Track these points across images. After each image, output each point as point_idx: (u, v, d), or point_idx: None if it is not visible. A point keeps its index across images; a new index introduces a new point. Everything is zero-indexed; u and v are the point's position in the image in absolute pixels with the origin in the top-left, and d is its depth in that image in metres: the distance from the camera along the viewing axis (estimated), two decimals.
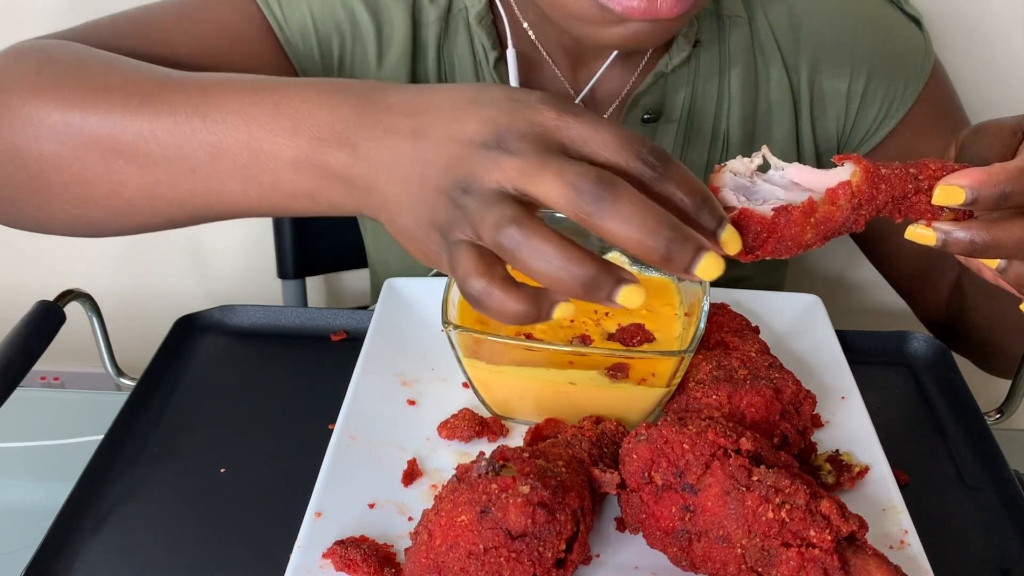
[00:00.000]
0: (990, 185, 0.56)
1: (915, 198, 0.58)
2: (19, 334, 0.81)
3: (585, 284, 0.52)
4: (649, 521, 0.61)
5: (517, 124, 0.55)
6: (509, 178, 0.54)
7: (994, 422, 0.84)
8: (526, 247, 0.53)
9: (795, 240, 0.57)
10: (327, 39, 0.90)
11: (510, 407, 0.74)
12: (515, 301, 0.54)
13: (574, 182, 0.52)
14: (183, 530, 0.68)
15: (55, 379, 1.49)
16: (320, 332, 0.89)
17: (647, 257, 0.53)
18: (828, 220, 0.57)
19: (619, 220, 0.52)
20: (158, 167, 0.68)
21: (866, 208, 0.58)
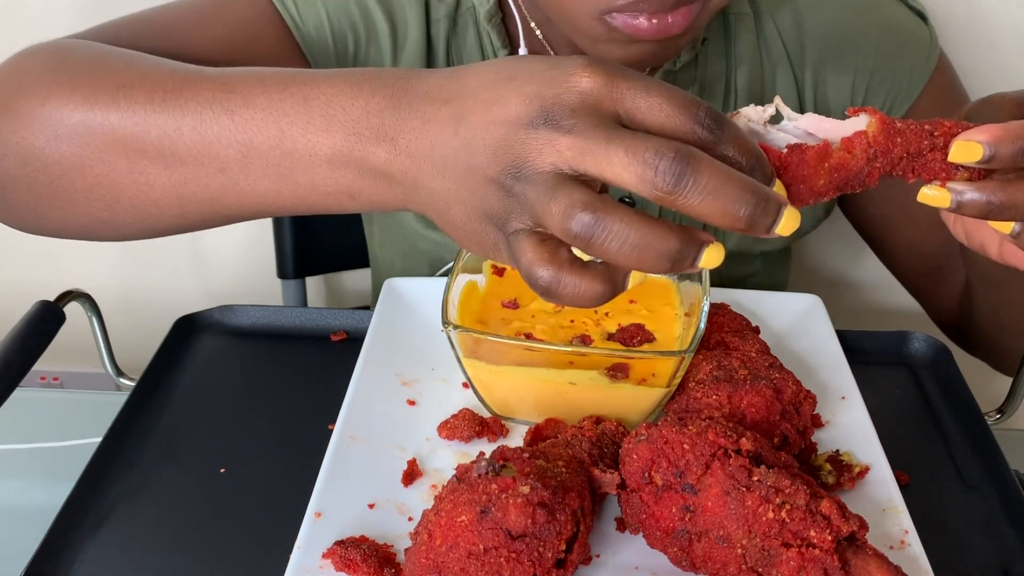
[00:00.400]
0: (1008, 140, 0.54)
1: (929, 155, 0.57)
2: (19, 334, 0.81)
3: (671, 258, 0.50)
4: (649, 521, 0.61)
5: (564, 97, 0.51)
6: (566, 159, 0.51)
7: (994, 422, 0.84)
8: (602, 232, 0.49)
9: (808, 184, 0.55)
10: (342, 38, 0.90)
11: (510, 407, 0.74)
12: (589, 282, 0.51)
13: (649, 160, 0.49)
14: (183, 530, 0.68)
15: (55, 379, 1.49)
16: (320, 332, 0.89)
17: (731, 225, 0.50)
18: (842, 167, 0.56)
19: (703, 195, 0.49)
20: (185, 166, 0.65)
21: (880, 161, 0.56)
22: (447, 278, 0.73)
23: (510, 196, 0.52)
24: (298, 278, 1.34)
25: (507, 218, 0.53)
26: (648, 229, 0.50)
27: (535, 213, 0.51)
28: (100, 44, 0.76)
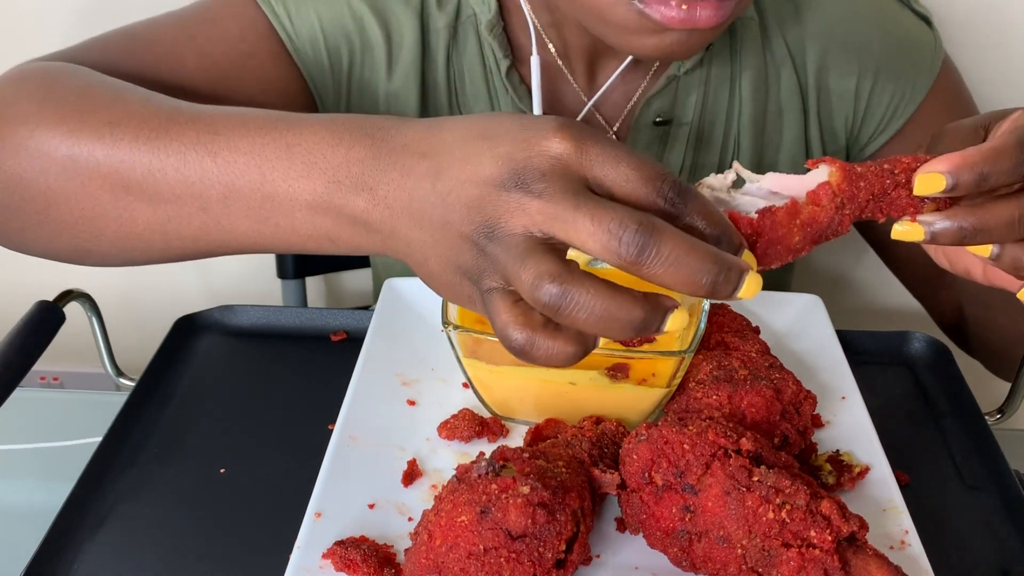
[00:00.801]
0: (967, 167, 0.56)
1: (894, 194, 0.58)
2: (19, 334, 0.81)
3: (636, 327, 0.52)
4: (649, 521, 0.61)
5: (535, 160, 0.53)
6: (536, 223, 0.52)
7: (994, 422, 0.84)
8: (568, 303, 0.51)
9: (783, 243, 0.57)
10: (336, 48, 0.90)
11: (510, 407, 0.73)
12: (562, 345, 0.53)
13: (613, 231, 0.50)
14: (183, 530, 0.68)
15: (55, 379, 1.49)
16: (320, 332, 0.89)
17: (694, 292, 0.52)
18: (813, 221, 0.57)
19: (666, 265, 0.50)
20: (169, 204, 0.66)
21: (849, 207, 0.57)
22: None
23: (483, 255, 0.54)
24: (298, 278, 1.34)
25: (481, 276, 0.54)
26: (613, 301, 0.51)
27: (506, 276, 0.53)
28: (86, 70, 0.76)
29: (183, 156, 0.65)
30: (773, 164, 0.97)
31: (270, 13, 0.88)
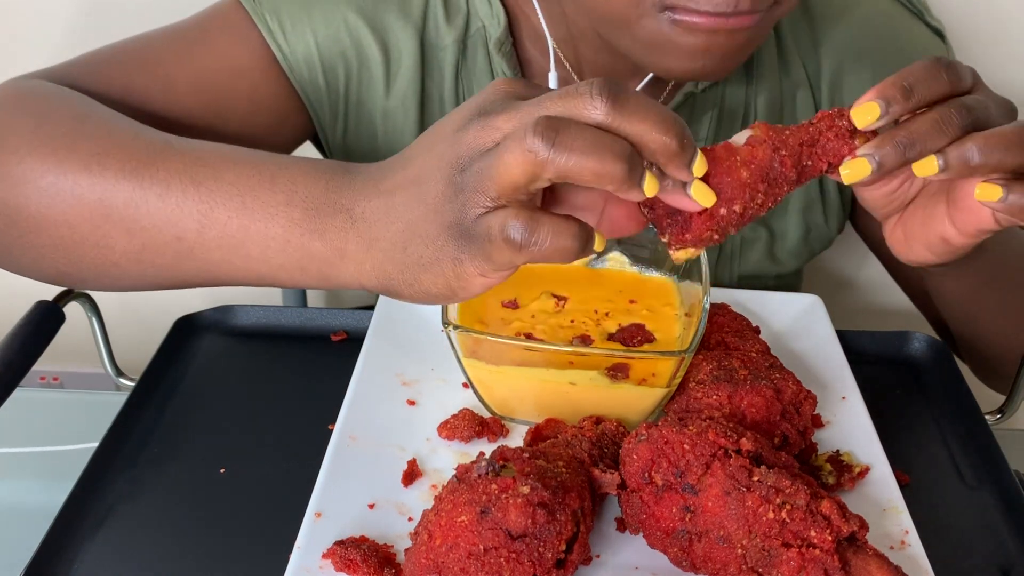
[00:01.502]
0: (891, 85, 0.59)
1: (823, 137, 0.61)
2: (19, 334, 0.81)
3: (628, 160, 0.54)
4: (649, 521, 0.61)
5: (488, 96, 0.57)
6: (507, 129, 0.55)
7: (994, 422, 0.84)
8: (564, 138, 0.53)
9: (732, 176, 0.59)
10: (332, 67, 0.90)
11: (510, 407, 0.73)
12: (564, 223, 0.55)
13: (583, 90, 0.54)
14: (183, 530, 0.68)
15: (55, 379, 1.49)
16: (320, 332, 0.89)
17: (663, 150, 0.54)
18: (753, 158, 0.59)
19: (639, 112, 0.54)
20: (145, 233, 0.68)
21: (785, 150, 0.60)
22: None
23: (462, 188, 0.56)
24: None
25: (464, 210, 0.56)
26: (602, 132, 0.54)
27: (490, 177, 0.55)
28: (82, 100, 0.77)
29: (166, 185, 0.67)
30: None
31: (265, 31, 0.88)
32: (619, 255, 0.82)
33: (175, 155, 0.68)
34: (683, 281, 0.79)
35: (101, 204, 0.68)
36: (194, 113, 0.85)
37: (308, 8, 0.89)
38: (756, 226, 0.97)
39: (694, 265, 0.76)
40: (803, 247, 1.01)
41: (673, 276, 0.81)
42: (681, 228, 0.60)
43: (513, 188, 0.54)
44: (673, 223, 0.60)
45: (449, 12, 0.91)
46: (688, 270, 0.78)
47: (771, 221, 0.98)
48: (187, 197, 0.66)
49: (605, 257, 0.82)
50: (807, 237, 1.00)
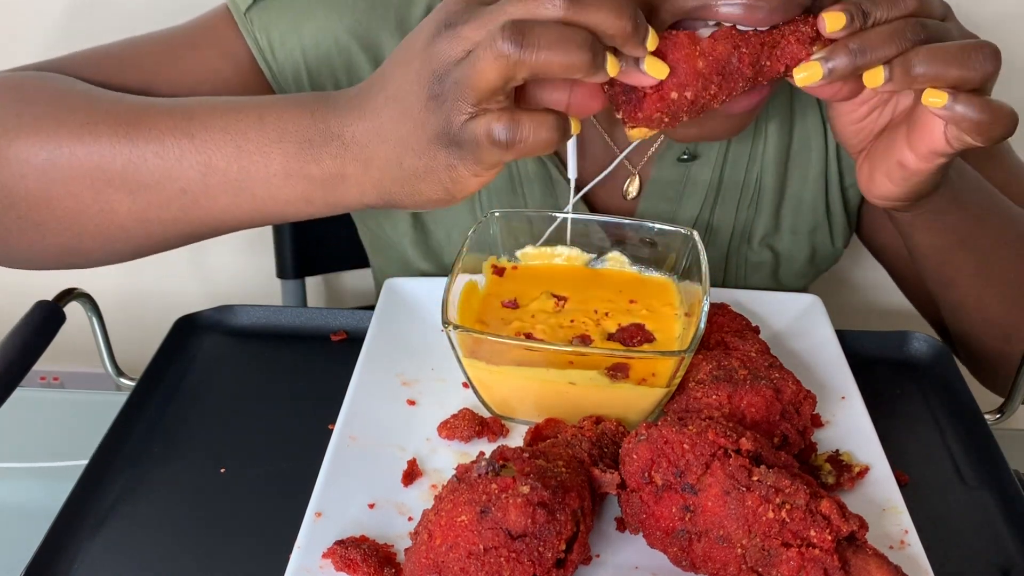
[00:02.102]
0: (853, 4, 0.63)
1: (785, 40, 0.65)
2: (19, 334, 0.81)
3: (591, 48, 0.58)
4: (649, 521, 0.61)
5: (450, 8, 0.60)
6: (475, 38, 0.58)
7: (994, 422, 0.84)
8: (530, 38, 0.57)
9: (688, 63, 0.63)
10: (321, 85, 0.89)
11: (510, 407, 0.74)
12: (542, 116, 0.59)
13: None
14: (183, 530, 0.68)
15: (55, 379, 1.50)
16: (320, 332, 0.89)
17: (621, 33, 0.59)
18: (712, 51, 0.63)
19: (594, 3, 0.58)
20: (149, 190, 0.69)
21: (745, 48, 0.64)
22: (447, 278, 0.73)
23: (443, 100, 0.60)
24: (298, 278, 1.34)
25: (449, 120, 0.60)
26: (564, 26, 0.58)
27: (468, 85, 0.58)
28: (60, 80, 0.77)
29: (161, 141, 0.69)
30: (796, 199, 0.96)
31: (252, 45, 0.87)
32: (619, 255, 0.82)
33: (162, 113, 0.70)
34: (683, 281, 0.79)
35: (100, 170, 0.70)
36: None
37: (298, 27, 0.88)
38: (762, 249, 0.97)
39: (694, 265, 0.76)
40: (809, 268, 1.00)
41: (673, 276, 0.81)
42: (634, 106, 0.65)
43: (491, 92, 0.58)
44: (627, 100, 0.65)
45: None
46: (688, 270, 0.78)
47: (777, 244, 0.97)
48: (184, 151, 0.68)
49: (605, 257, 0.83)
50: (813, 259, 0.99)
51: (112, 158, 0.69)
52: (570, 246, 0.82)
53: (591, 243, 0.82)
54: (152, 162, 0.69)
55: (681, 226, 0.80)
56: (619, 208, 0.93)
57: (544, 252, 0.82)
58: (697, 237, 0.77)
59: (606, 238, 0.82)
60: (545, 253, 0.82)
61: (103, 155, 0.70)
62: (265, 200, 0.68)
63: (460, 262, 0.75)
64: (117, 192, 0.70)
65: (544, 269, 0.82)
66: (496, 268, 0.81)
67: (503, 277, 0.81)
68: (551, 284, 0.80)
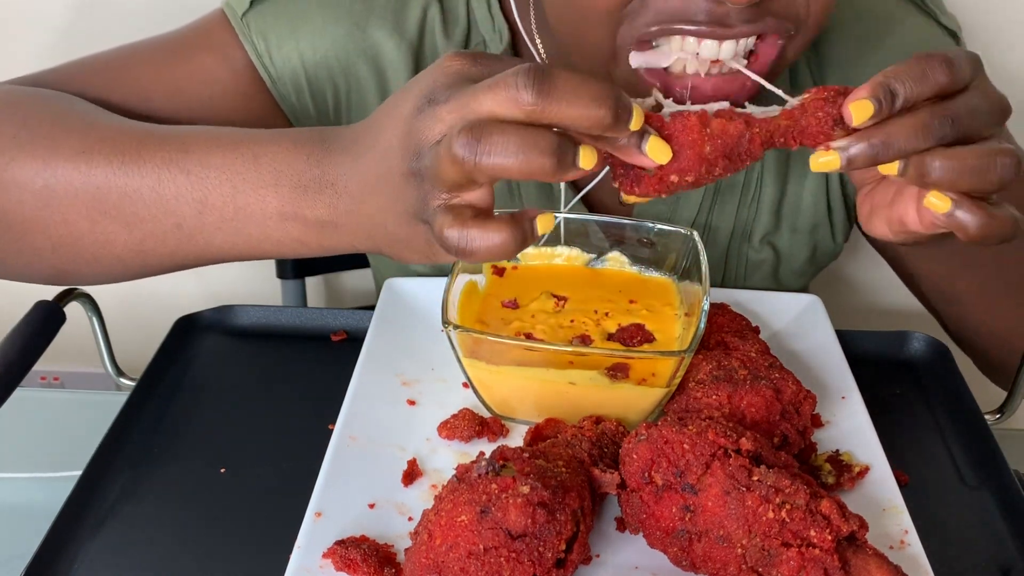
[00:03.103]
0: (885, 86, 0.59)
1: (806, 122, 0.61)
2: (19, 334, 0.81)
3: (554, 153, 0.55)
4: (649, 521, 0.61)
5: (439, 80, 0.58)
6: (448, 122, 0.57)
7: (994, 422, 0.84)
8: (485, 144, 0.54)
9: (694, 149, 0.59)
10: (320, 90, 0.89)
11: (510, 407, 0.73)
12: (495, 231, 0.56)
13: (509, 82, 0.54)
14: (183, 530, 0.68)
15: (55, 379, 1.49)
16: (320, 332, 0.89)
17: (600, 125, 0.55)
18: (724, 132, 0.60)
19: (566, 98, 0.54)
20: (145, 224, 0.69)
21: (758, 129, 0.60)
22: (447, 278, 0.73)
23: (420, 180, 0.58)
24: (298, 278, 1.34)
25: (424, 203, 0.59)
26: (526, 131, 0.55)
27: (436, 174, 0.57)
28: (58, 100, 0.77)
29: (157, 176, 0.68)
30: (796, 198, 0.95)
31: (250, 50, 0.87)
32: (619, 255, 0.82)
33: (158, 145, 0.70)
34: (683, 281, 0.79)
35: (96, 200, 0.69)
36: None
37: (296, 31, 0.87)
38: (762, 247, 0.97)
39: (694, 265, 0.76)
40: (808, 266, 1.00)
41: (673, 276, 0.81)
42: (632, 181, 0.62)
43: (457, 186, 0.57)
44: (625, 174, 0.62)
45: (448, 25, 0.90)
46: (688, 270, 0.78)
47: (778, 242, 0.97)
48: (179, 187, 0.68)
49: (605, 257, 0.83)
50: (813, 256, 0.99)
51: (108, 189, 0.69)
52: (569, 246, 0.82)
53: (591, 243, 0.82)
54: (148, 196, 0.69)
55: (681, 226, 0.80)
56: (617, 209, 0.93)
57: (544, 252, 0.82)
58: (697, 237, 0.77)
59: (605, 238, 0.82)
60: (545, 253, 0.82)
61: (98, 186, 0.70)
62: (260, 240, 0.68)
63: (460, 262, 0.75)
64: (113, 223, 0.70)
65: (544, 269, 0.82)
66: (496, 268, 0.81)
67: (503, 277, 0.81)
68: (551, 284, 0.80)
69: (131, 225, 0.69)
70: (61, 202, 0.70)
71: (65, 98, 0.78)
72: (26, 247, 0.73)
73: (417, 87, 0.60)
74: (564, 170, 0.56)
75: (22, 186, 0.71)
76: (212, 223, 0.68)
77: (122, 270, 0.73)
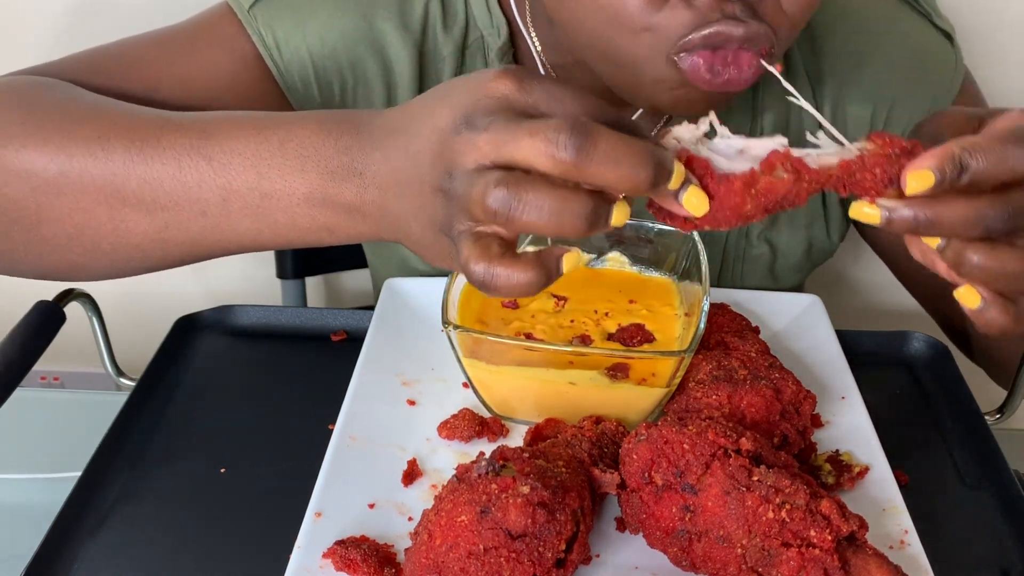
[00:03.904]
0: (955, 159, 0.55)
1: (859, 175, 0.58)
2: (19, 334, 0.81)
3: (587, 217, 0.54)
4: (649, 521, 0.61)
5: (482, 102, 0.56)
6: (484, 153, 0.55)
7: (994, 422, 0.84)
8: (519, 203, 0.53)
9: (735, 210, 0.57)
10: (327, 82, 0.89)
11: (510, 407, 0.74)
12: (521, 271, 0.55)
13: (551, 136, 0.53)
14: (183, 530, 0.68)
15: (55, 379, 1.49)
16: (320, 332, 0.89)
17: (637, 190, 0.54)
18: (769, 191, 0.57)
19: (605, 161, 0.53)
20: (167, 212, 0.67)
21: (808, 178, 0.58)
22: (447, 278, 0.73)
23: (448, 199, 0.57)
24: (298, 278, 1.34)
25: (450, 223, 0.57)
26: (561, 193, 0.53)
27: (465, 207, 0.56)
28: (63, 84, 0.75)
29: (178, 162, 0.66)
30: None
31: (258, 42, 0.87)
32: (619, 255, 0.82)
33: (177, 130, 0.67)
34: (683, 281, 0.79)
35: (114, 188, 0.67)
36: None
37: (303, 24, 0.87)
38: (760, 243, 0.96)
39: (694, 265, 0.76)
40: (805, 262, 1.00)
41: (673, 276, 0.81)
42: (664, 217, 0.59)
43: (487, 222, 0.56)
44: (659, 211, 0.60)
45: (447, 20, 0.90)
46: (688, 270, 0.78)
47: (774, 238, 0.97)
48: (202, 174, 0.66)
49: (605, 257, 0.83)
50: (809, 252, 0.99)
51: (126, 176, 0.67)
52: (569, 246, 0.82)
53: (591, 243, 0.82)
54: (169, 184, 0.66)
55: None
56: None
57: None
58: (697, 237, 0.77)
59: (605, 238, 0.82)
60: None
61: (116, 173, 0.67)
62: (287, 226, 0.66)
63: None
64: (133, 211, 0.68)
65: None
66: None
67: None
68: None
69: (152, 213, 0.67)
70: (76, 190, 0.68)
71: (70, 86, 0.76)
72: (37, 238, 0.70)
73: (457, 99, 0.58)
74: (595, 230, 0.55)
75: (35, 175, 0.69)
76: (237, 209, 0.66)
77: (140, 260, 0.71)
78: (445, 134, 0.57)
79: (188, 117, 0.69)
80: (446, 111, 0.58)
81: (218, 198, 0.66)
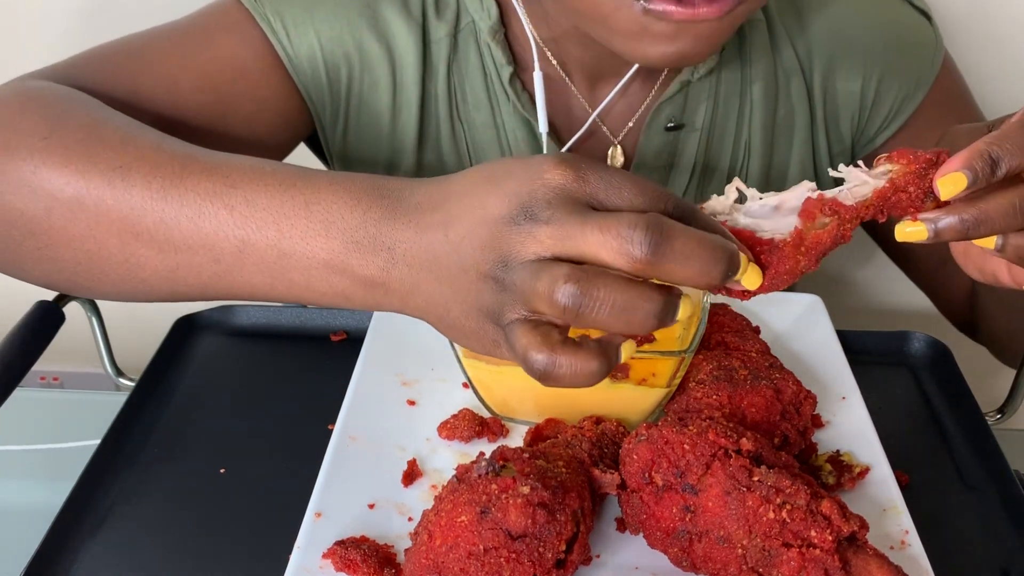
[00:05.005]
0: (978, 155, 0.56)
1: (895, 198, 0.58)
2: (18, 334, 0.81)
3: (657, 315, 0.53)
4: (649, 521, 0.61)
5: (539, 193, 0.54)
6: (547, 246, 0.53)
7: (994, 422, 0.84)
8: (589, 300, 0.52)
9: (791, 272, 0.57)
10: (336, 68, 0.90)
11: (510, 407, 0.74)
12: (584, 360, 0.53)
13: (624, 234, 0.51)
14: (183, 530, 0.68)
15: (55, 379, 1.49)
16: (320, 332, 0.89)
17: (708, 284, 0.53)
18: (818, 244, 0.57)
19: (679, 260, 0.52)
20: (180, 254, 0.65)
21: (848, 216, 0.57)
22: None
23: (502, 289, 0.55)
24: None
25: (501, 311, 0.55)
26: (633, 290, 0.52)
27: (525, 298, 0.54)
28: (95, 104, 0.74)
29: (198, 207, 0.64)
30: (783, 168, 0.97)
31: (268, 31, 0.88)
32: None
33: (201, 172, 0.65)
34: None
35: (129, 222, 0.65)
36: (199, 113, 0.84)
37: (311, 10, 0.89)
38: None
39: None
40: None
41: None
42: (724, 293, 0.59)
43: (550, 315, 0.54)
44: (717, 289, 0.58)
45: (439, 6, 0.91)
46: None
47: None
48: (221, 222, 0.63)
49: None
50: None
51: (143, 212, 0.65)
52: None
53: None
54: (186, 227, 0.64)
55: None
56: None
57: None
58: None
59: None
60: None
61: (133, 207, 0.65)
62: (302, 288, 0.63)
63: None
64: (145, 248, 0.65)
65: None
66: None
67: None
68: None
69: (164, 252, 0.65)
70: (91, 217, 0.66)
71: (99, 105, 0.74)
72: (47, 257, 0.69)
73: (510, 188, 0.55)
74: (662, 327, 0.54)
75: (51, 195, 0.67)
76: (252, 263, 0.63)
77: (146, 294, 0.69)
78: (499, 224, 0.55)
79: (215, 159, 0.67)
80: (496, 200, 0.55)
81: (234, 248, 0.63)
